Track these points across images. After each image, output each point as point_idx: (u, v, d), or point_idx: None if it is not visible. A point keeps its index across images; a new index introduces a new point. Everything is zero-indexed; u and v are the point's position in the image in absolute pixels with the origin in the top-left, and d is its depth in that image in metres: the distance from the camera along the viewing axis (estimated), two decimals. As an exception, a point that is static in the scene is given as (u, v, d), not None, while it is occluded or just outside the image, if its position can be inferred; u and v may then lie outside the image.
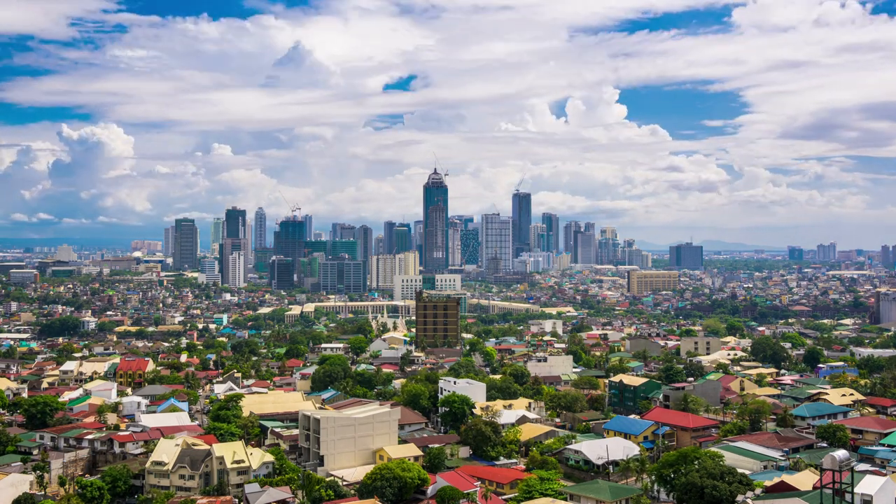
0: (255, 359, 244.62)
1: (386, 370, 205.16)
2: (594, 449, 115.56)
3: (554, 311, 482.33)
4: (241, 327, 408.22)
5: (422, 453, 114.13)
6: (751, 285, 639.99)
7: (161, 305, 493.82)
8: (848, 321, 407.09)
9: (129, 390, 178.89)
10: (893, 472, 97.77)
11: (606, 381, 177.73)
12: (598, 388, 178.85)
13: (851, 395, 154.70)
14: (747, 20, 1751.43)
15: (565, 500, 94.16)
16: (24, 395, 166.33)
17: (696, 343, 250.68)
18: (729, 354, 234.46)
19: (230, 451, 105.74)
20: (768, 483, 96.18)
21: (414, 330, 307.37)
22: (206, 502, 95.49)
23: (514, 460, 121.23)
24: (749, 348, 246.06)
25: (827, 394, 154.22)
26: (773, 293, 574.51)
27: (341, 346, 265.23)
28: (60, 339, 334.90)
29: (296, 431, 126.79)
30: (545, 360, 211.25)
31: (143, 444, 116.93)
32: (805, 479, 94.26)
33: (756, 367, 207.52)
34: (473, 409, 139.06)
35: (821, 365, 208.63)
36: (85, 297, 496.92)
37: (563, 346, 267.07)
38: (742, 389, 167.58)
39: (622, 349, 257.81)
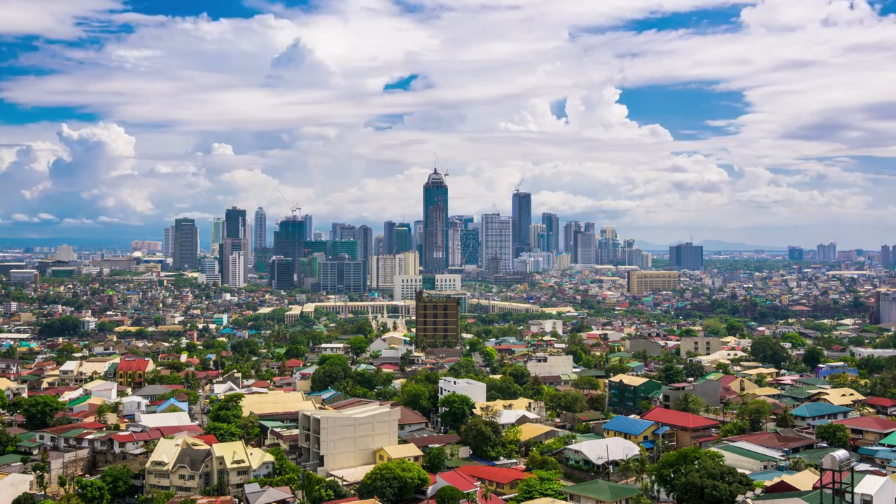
0: (255, 359, 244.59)
1: (386, 370, 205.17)
2: (594, 449, 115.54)
3: (554, 311, 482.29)
4: (241, 327, 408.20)
5: (422, 453, 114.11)
6: (751, 285, 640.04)
7: (161, 305, 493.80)
8: (848, 321, 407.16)
9: (129, 390, 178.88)
10: (893, 472, 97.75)
11: (606, 381, 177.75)
12: (598, 388, 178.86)
13: (851, 395, 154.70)
14: (756, 20, 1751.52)
15: (565, 500, 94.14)
16: (24, 395, 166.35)
17: (696, 343, 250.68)
18: (729, 354, 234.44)
19: (230, 451, 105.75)
20: (768, 483, 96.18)
21: (414, 330, 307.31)
22: (206, 502, 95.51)
23: (514, 460, 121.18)
24: (749, 348, 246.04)
25: (827, 394, 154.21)
26: (773, 293, 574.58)
27: (341, 346, 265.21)
28: (60, 339, 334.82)
29: (296, 431, 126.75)
30: (545, 360, 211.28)
31: (143, 444, 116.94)
32: (805, 479, 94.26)
33: (756, 367, 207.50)
34: (473, 409, 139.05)
35: (821, 365, 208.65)
36: (85, 297, 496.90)
37: (563, 346, 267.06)
38: (742, 389, 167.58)
39: (622, 349, 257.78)
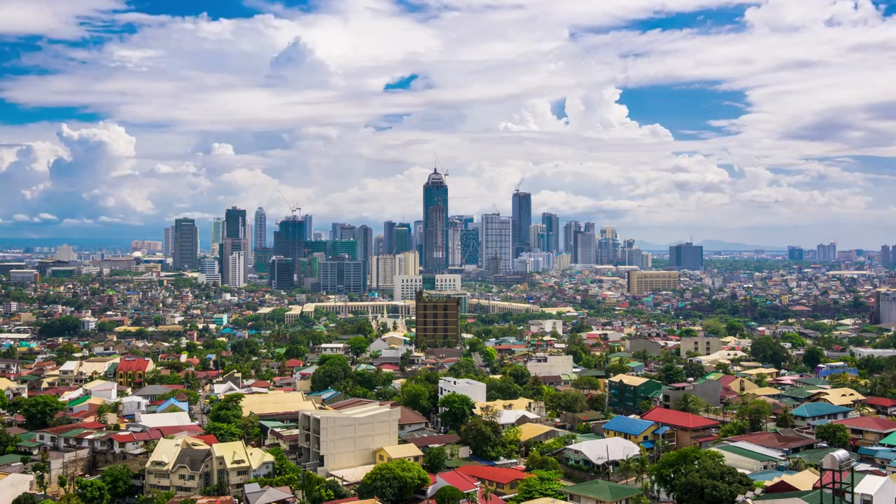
0: (255, 359, 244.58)
1: (386, 370, 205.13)
2: (594, 449, 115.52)
3: (554, 311, 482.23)
4: (241, 327, 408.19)
5: (422, 453, 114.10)
6: (751, 285, 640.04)
7: (161, 305, 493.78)
8: (848, 321, 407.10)
9: (129, 390, 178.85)
10: (893, 472, 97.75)
11: (606, 381, 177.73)
12: (598, 388, 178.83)
13: (851, 395, 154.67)
14: (760, 19, 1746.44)
15: (565, 500, 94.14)
16: (24, 395, 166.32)
17: (696, 343, 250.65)
18: (729, 354, 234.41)
19: (230, 451, 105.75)
20: (768, 483, 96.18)
21: (414, 330, 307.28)
22: (206, 502, 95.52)
23: (514, 460, 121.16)
24: (749, 348, 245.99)
25: (827, 394, 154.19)
26: (773, 293, 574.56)
27: (341, 346, 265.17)
28: (60, 339, 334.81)
29: (296, 431, 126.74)
30: (545, 360, 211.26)
31: (143, 444, 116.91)
32: (805, 479, 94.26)
33: (756, 367, 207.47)
34: (473, 409, 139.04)
35: (821, 365, 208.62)
36: (85, 297, 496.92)
37: (563, 346, 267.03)
38: (742, 389, 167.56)
39: (622, 349, 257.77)
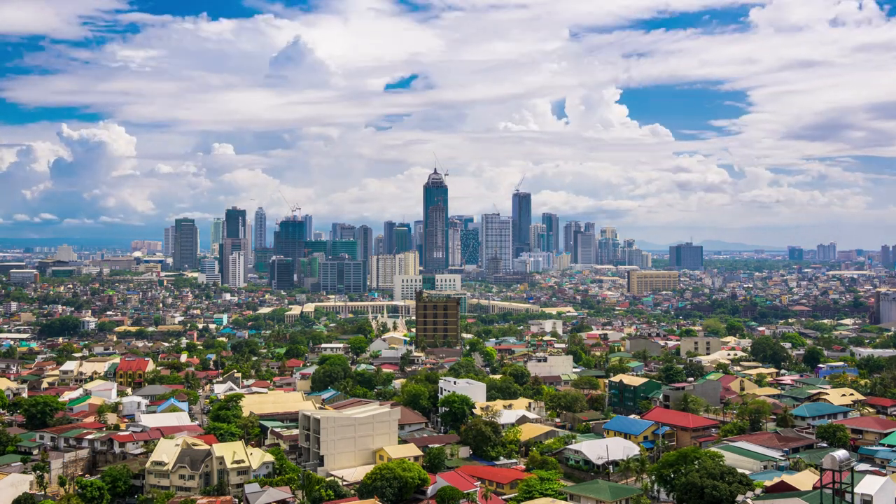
0: (255, 359, 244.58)
1: (386, 370, 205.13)
2: (594, 449, 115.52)
3: (554, 311, 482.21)
4: (241, 327, 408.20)
5: (422, 453, 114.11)
6: (751, 285, 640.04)
7: (161, 305, 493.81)
8: (848, 321, 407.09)
9: (129, 390, 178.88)
10: (893, 472, 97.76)
11: (606, 381, 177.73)
12: (598, 388, 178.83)
13: (851, 395, 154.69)
14: (764, 19, 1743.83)
15: (565, 500, 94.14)
16: (24, 395, 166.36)
17: (696, 343, 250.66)
18: (729, 354, 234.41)
19: (230, 451, 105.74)
20: (768, 483, 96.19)
21: (414, 330, 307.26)
22: (206, 502, 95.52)
23: (514, 460, 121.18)
24: (749, 348, 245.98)
25: (827, 394, 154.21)
26: (773, 293, 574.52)
27: (341, 346, 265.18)
28: (60, 339, 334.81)
29: (296, 431, 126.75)
30: (545, 360, 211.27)
31: (143, 444, 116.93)
32: (805, 479, 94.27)
33: (756, 367, 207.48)
34: (473, 409, 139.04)
35: (821, 365, 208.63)
36: (85, 297, 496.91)
37: (563, 346, 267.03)
38: (742, 389, 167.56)
39: (622, 349, 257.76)
